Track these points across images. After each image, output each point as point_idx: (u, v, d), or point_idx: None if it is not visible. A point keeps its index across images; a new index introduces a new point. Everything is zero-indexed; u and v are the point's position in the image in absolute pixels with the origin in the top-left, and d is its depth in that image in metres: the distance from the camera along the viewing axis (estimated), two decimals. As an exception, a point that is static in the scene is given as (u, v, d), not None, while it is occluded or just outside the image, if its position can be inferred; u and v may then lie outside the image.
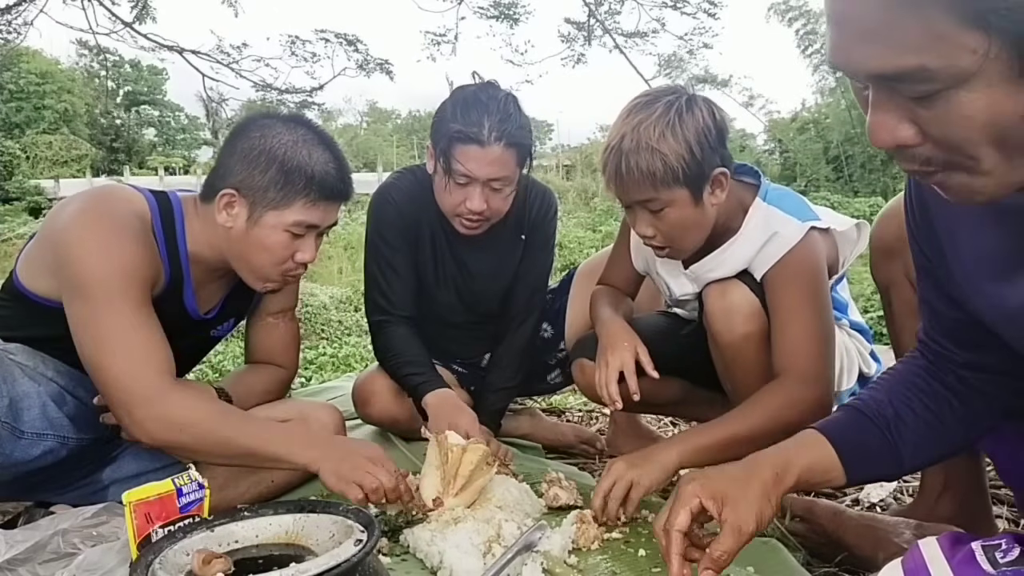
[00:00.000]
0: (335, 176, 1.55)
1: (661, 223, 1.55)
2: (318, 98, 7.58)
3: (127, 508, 1.15)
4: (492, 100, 1.83)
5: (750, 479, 1.03)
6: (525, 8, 7.33)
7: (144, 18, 6.32)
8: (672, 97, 1.51)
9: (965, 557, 0.81)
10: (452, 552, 1.29)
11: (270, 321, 1.85)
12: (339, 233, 12.99)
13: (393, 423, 2.08)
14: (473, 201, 1.85)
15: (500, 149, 1.81)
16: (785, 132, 22.66)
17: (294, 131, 1.54)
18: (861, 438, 1.07)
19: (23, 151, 17.88)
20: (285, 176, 1.50)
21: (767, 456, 1.07)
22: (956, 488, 1.42)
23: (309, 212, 1.53)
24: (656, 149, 1.47)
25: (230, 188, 1.51)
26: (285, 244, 1.54)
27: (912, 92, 0.69)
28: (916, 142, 0.72)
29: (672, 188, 1.50)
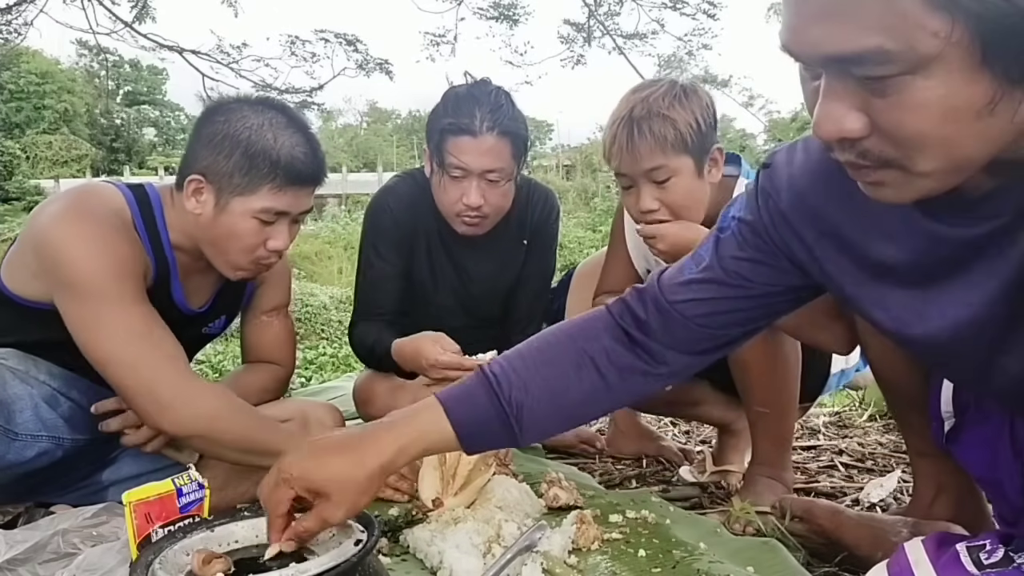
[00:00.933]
0: (303, 160, 1.51)
1: (666, 195, 1.60)
2: (318, 98, 7.57)
3: (127, 508, 1.15)
4: (483, 94, 1.84)
5: (356, 470, 1.03)
6: (524, 9, 7.33)
7: (144, 18, 6.31)
8: (674, 79, 1.65)
9: (950, 559, 0.81)
10: (452, 552, 1.29)
11: (264, 319, 1.83)
12: (339, 233, 13.01)
13: None
14: (470, 195, 1.84)
15: (493, 139, 1.81)
16: (785, 132, 22.65)
17: (261, 114, 1.50)
18: (485, 422, 1.08)
19: (23, 151, 17.89)
20: (249, 161, 1.47)
21: (384, 436, 1.06)
22: (949, 492, 1.42)
23: (277, 198, 1.49)
24: (667, 116, 1.56)
25: (196, 174, 1.49)
26: (255, 231, 1.51)
27: (867, 75, 0.67)
28: (862, 134, 0.70)
29: (680, 155, 1.58)
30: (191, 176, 1.49)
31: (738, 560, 1.32)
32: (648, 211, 1.62)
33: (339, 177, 26.17)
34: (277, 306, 1.85)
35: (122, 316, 1.39)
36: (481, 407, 1.08)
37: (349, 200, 22.20)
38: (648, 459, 2.11)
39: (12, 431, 1.39)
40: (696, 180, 1.61)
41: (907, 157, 0.70)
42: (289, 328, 1.90)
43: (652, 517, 1.50)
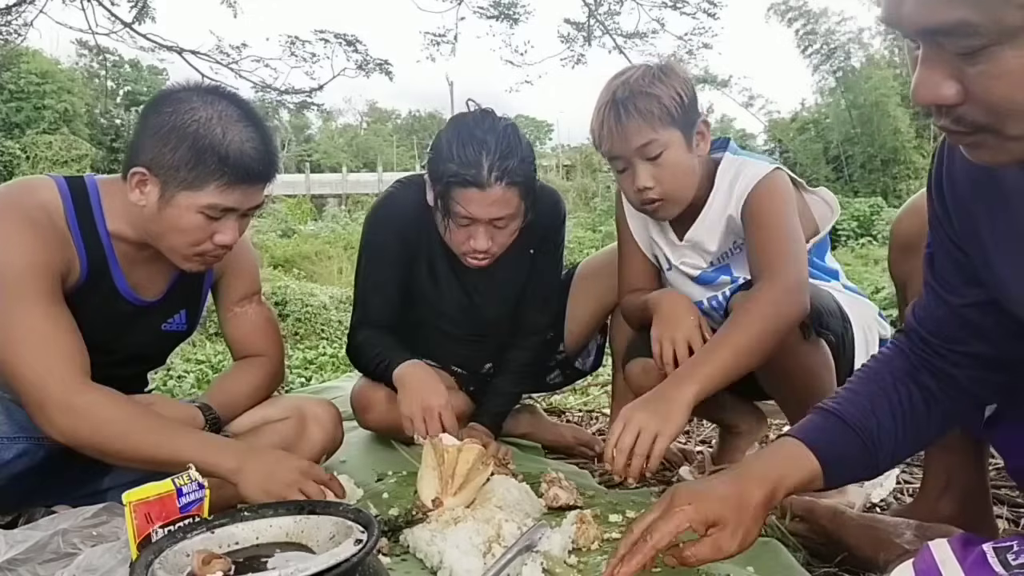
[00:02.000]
0: (253, 157, 1.44)
1: (660, 170, 1.63)
2: (318, 98, 7.58)
3: (127, 508, 1.15)
4: (490, 134, 1.74)
5: (742, 503, 1.04)
6: (525, 8, 7.33)
7: (143, 18, 6.31)
8: (649, 62, 1.70)
9: (977, 559, 0.81)
10: (452, 552, 1.29)
11: (237, 311, 1.79)
12: (339, 233, 13.00)
13: (392, 430, 2.06)
14: (478, 241, 1.79)
15: (501, 190, 1.72)
16: (785, 132, 22.64)
17: (211, 106, 1.43)
18: (845, 450, 1.09)
19: (23, 151, 17.86)
20: (196, 156, 1.40)
21: (757, 472, 1.08)
22: (958, 487, 1.42)
23: (224, 195, 1.43)
24: (650, 92, 1.60)
25: (141, 166, 1.44)
26: (200, 226, 1.46)
27: (957, 48, 0.70)
28: (957, 101, 0.73)
29: (668, 128, 1.61)
30: (135, 168, 1.44)
31: (738, 560, 1.32)
32: (645, 188, 1.64)
33: (339, 177, 26.17)
34: (246, 295, 1.79)
35: (23, 315, 1.36)
36: (836, 435, 1.09)
37: (349, 200, 22.22)
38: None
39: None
40: (686, 153, 1.65)
41: (999, 123, 0.73)
42: (266, 315, 1.85)
43: (652, 517, 1.49)
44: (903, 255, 1.43)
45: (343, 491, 1.44)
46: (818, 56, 21.43)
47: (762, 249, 1.61)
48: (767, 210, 1.64)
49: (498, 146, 1.72)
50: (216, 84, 1.60)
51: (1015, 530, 1.61)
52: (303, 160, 30.36)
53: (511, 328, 2.10)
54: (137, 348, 1.65)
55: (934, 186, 1.03)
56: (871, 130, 20.06)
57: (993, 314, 1.01)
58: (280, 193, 21.83)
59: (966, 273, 1.03)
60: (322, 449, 1.79)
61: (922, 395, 1.09)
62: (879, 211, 15.02)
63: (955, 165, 0.99)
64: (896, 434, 1.09)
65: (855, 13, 31.86)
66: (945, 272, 1.06)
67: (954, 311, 1.06)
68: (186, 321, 1.72)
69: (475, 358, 2.19)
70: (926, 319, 1.11)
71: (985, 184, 0.94)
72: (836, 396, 1.14)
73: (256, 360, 1.80)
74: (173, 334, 1.72)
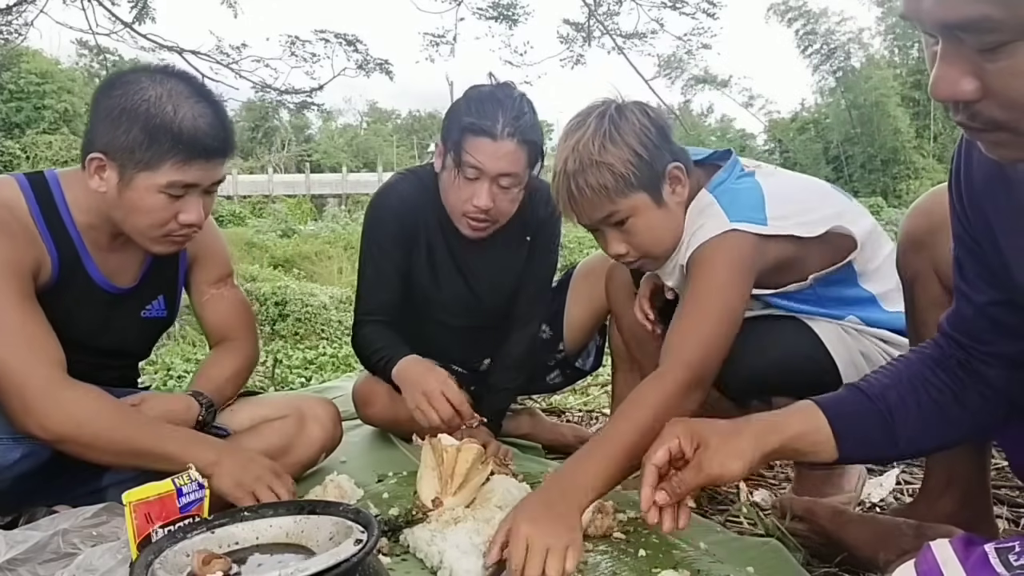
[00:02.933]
0: (207, 132, 1.43)
1: (630, 236, 1.52)
2: (318, 98, 7.58)
3: (127, 508, 1.15)
4: (507, 98, 1.83)
5: (733, 432, 1.06)
6: (524, 9, 7.32)
7: (144, 18, 6.31)
8: (602, 108, 1.50)
9: (979, 559, 0.81)
10: (452, 552, 1.29)
11: (213, 293, 1.78)
12: (339, 233, 13.00)
13: (393, 424, 2.08)
14: (480, 197, 1.83)
15: (512, 144, 1.80)
16: (785, 132, 22.66)
17: (161, 85, 1.42)
18: (859, 416, 1.08)
19: (23, 151, 17.87)
20: (149, 136, 1.39)
21: (758, 417, 1.10)
22: (959, 485, 1.42)
23: (182, 172, 1.42)
24: (601, 162, 1.45)
25: (97, 152, 1.43)
26: (163, 206, 1.44)
27: (978, 43, 0.70)
28: (975, 97, 0.73)
29: (629, 195, 1.47)
30: (92, 154, 1.43)
31: (738, 560, 1.32)
32: (618, 256, 1.57)
33: (339, 177, 26.18)
34: (220, 277, 1.79)
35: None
36: (852, 403, 1.08)
37: (349, 200, 22.22)
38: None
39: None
40: (657, 210, 1.50)
41: (1017, 119, 0.72)
42: (241, 298, 1.86)
43: (652, 517, 1.50)
44: (912, 252, 1.43)
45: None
46: (818, 56, 21.46)
47: (676, 322, 1.43)
48: (697, 279, 1.45)
49: (513, 107, 1.81)
50: (165, 64, 1.59)
51: (1015, 530, 1.61)
52: (303, 160, 30.38)
53: (504, 318, 2.13)
54: (120, 339, 1.64)
55: (953, 183, 1.04)
56: (871, 130, 20.08)
57: (1017, 312, 1.00)
58: (280, 193, 21.86)
59: (988, 271, 1.03)
60: (321, 447, 1.80)
61: (952, 386, 1.08)
62: (879, 211, 15.03)
63: (972, 162, 0.99)
64: (920, 417, 1.07)
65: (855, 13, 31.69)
66: (969, 271, 1.06)
67: (980, 311, 1.05)
68: (165, 307, 1.71)
69: (473, 353, 2.21)
70: (956, 322, 1.10)
71: (996, 178, 0.95)
72: (865, 376, 1.14)
73: (234, 344, 1.80)
74: (154, 322, 1.71)
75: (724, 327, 1.41)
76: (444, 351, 2.18)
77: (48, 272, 1.48)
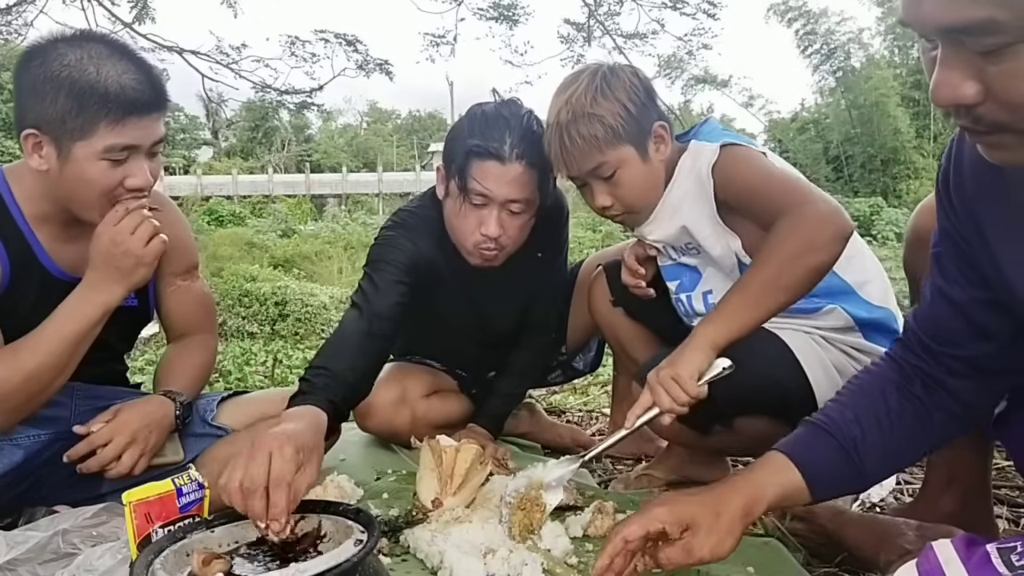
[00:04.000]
0: (136, 88, 1.38)
1: (617, 188, 1.58)
2: (318, 98, 7.59)
3: (127, 508, 1.15)
4: (514, 116, 1.71)
5: (719, 511, 1.04)
6: (524, 9, 7.33)
7: (143, 18, 6.33)
8: (595, 67, 1.58)
9: (981, 559, 0.80)
10: (452, 552, 1.29)
11: (180, 284, 1.74)
12: (339, 233, 13.01)
13: (393, 435, 2.04)
14: (489, 225, 1.70)
15: (521, 167, 1.67)
16: (785, 132, 22.67)
17: (79, 48, 1.37)
18: (827, 460, 1.08)
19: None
20: (77, 101, 1.35)
21: (738, 485, 1.08)
22: (960, 485, 1.42)
23: (119, 133, 1.38)
24: (592, 114, 1.52)
25: (29, 128, 1.38)
26: (106, 173, 1.40)
27: (980, 46, 0.69)
28: (978, 101, 0.72)
29: (617, 147, 1.54)
30: (25, 132, 1.38)
31: (738, 560, 1.32)
32: (604, 207, 1.61)
33: (339, 177, 26.17)
34: (188, 268, 1.75)
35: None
36: (820, 447, 1.09)
37: (349, 200, 22.23)
38: (648, 459, 2.11)
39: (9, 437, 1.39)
40: (642, 165, 1.57)
41: (1020, 121, 0.72)
42: (205, 292, 1.83)
43: (652, 517, 1.49)
44: (919, 249, 1.43)
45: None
46: (818, 56, 21.47)
47: (764, 198, 1.49)
48: (743, 178, 1.53)
49: (520, 127, 1.70)
50: (82, 29, 1.53)
51: (1015, 530, 1.61)
52: (303, 160, 30.39)
53: (515, 339, 2.06)
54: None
55: (942, 183, 1.04)
56: (871, 130, 20.08)
57: (998, 314, 1.01)
58: (280, 193, 21.87)
59: (973, 270, 1.03)
60: None
61: (911, 406, 1.09)
62: (879, 211, 15.04)
63: (963, 162, 0.99)
64: (884, 445, 1.08)
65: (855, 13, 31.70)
66: (951, 269, 1.06)
67: (958, 309, 1.05)
68: (136, 296, 1.64)
69: (480, 367, 2.17)
70: (926, 321, 1.10)
71: (989, 181, 0.95)
72: (824, 408, 1.14)
73: (198, 339, 1.78)
74: (124, 311, 1.62)
75: (802, 180, 1.51)
76: (450, 363, 2.17)
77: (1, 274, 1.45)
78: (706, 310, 1.67)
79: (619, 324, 1.91)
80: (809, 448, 1.09)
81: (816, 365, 1.56)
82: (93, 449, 1.49)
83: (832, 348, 1.59)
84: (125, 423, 1.52)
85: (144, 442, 1.53)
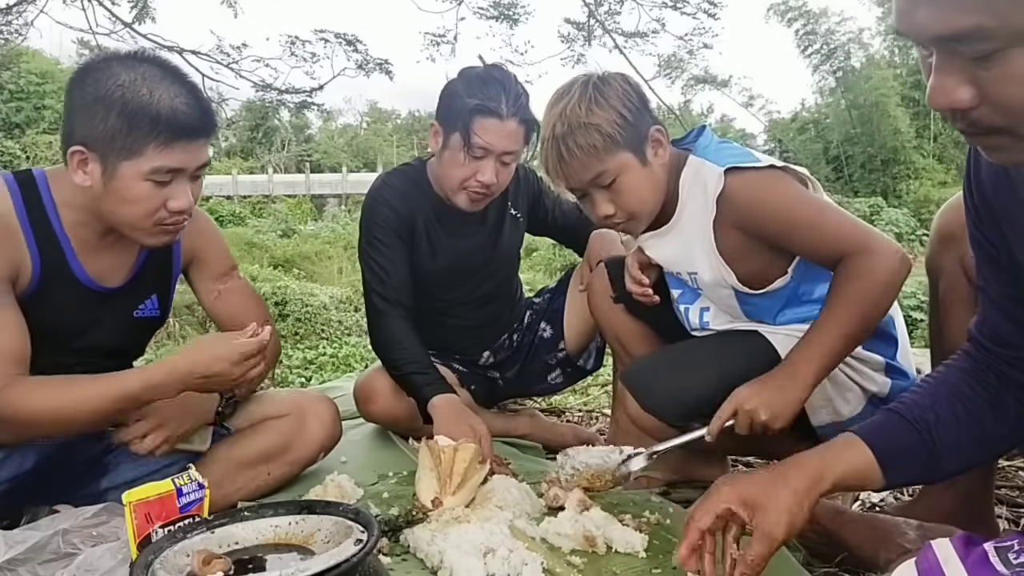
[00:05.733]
0: (187, 112, 1.40)
1: (618, 196, 1.57)
2: (318, 98, 7.56)
3: (127, 508, 1.15)
4: (505, 78, 1.94)
5: (784, 486, 1.03)
6: (525, 8, 7.31)
7: (144, 18, 6.30)
8: (584, 77, 1.58)
9: (979, 558, 0.81)
10: (452, 552, 1.29)
11: (221, 288, 1.76)
12: (339, 233, 12.99)
13: (394, 422, 2.09)
14: (485, 174, 1.91)
15: (515, 123, 1.90)
16: (785, 132, 22.65)
17: (133, 69, 1.39)
18: (899, 441, 1.07)
19: (23, 151, 17.87)
20: (128, 121, 1.36)
21: (804, 461, 1.07)
22: (960, 485, 1.41)
23: (166, 156, 1.39)
24: (588, 123, 1.51)
25: (77, 145, 1.40)
26: (150, 194, 1.41)
27: (972, 52, 0.72)
28: (972, 105, 0.75)
29: (616, 154, 1.53)
30: (72, 148, 1.40)
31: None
32: (607, 216, 1.59)
33: (339, 177, 26.14)
34: (225, 271, 1.76)
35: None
36: (893, 429, 1.07)
37: (349, 200, 22.20)
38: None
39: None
40: (642, 170, 1.56)
41: (1015, 124, 0.75)
42: (249, 289, 1.84)
43: (653, 517, 1.50)
44: (942, 247, 1.43)
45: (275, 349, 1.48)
46: (818, 56, 21.43)
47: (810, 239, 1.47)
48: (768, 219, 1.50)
49: (512, 88, 1.92)
50: (136, 48, 1.55)
51: (1015, 530, 1.61)
52: (303, 160, 30.36)
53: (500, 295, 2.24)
54: (112, 338, 1.62)
55: (965, 186, 1.04)
56: (871, 130, 20.05)
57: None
58: (280, 193, 21.84)
59: (1002, 270, 1.03)
60: (320, 446, 1.80)
61: (987, 394, 1.07)
62: (879, 211, 15.01)
63: (981, 164, 1.00)
64: (959, 432, 1.06)
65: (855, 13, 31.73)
66: (984, 270, 1.06)
67: (1004, 312, 1.05)
68: (158, 306, 1.69)
69: (473, 345, 2.24)
70: (984, 327, 1.10)
71: (1004, 183, 0.95)
72: (900, 397, 1.13)
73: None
74: (146, 321, 1.69)
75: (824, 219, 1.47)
76: (445, 346, 2.20)
77: (28, 276, 1.46)
78: (702, 327, 1.68)
79: (619, 321, 1.91)
80: (882, 429, 1.08)
81: None
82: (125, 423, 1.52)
83: None
84: (159, 406, 1.53)
85: (172, 429, 1.55)
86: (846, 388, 1.58)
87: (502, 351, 2.31)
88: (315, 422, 1.78)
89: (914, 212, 15.13)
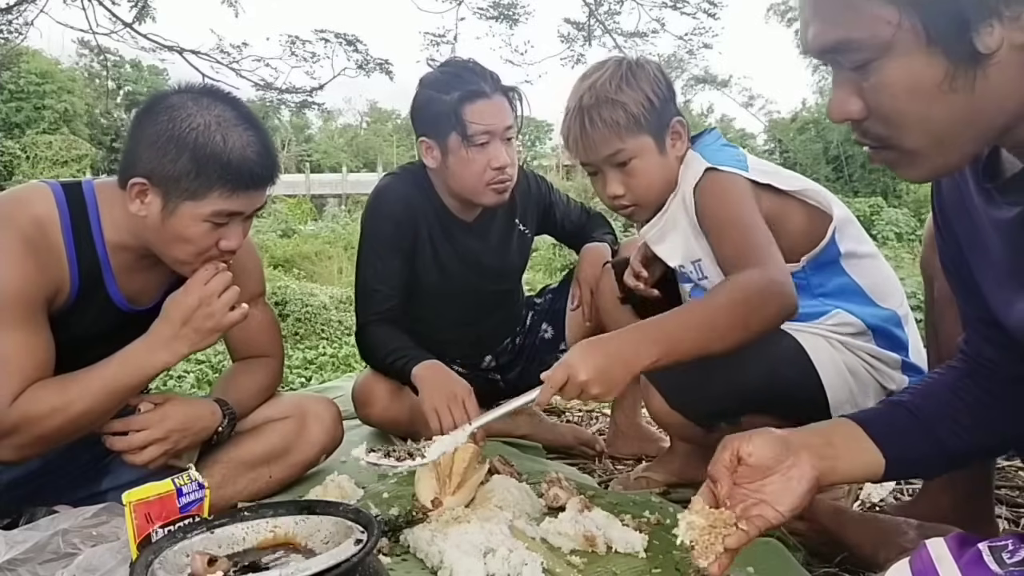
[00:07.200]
0: (255, 161, 1.42)
1: (630, 178, 1.58)
2: (318, 98, 7.57)
3: (127, 508, 1.15)
4: (467, 64, 1.93)
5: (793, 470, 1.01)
6: (525, 8, 7.32)
7: (144, 18, 6.31)
8: (620, 57, 1.63)
9: (972, 558, 0.81)
10: (452, 552, 1.29)
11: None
12: (339, 233, 12.99)
13: (393, 424, 2.08)
14: (499, 156, 1.88)
15: (501, 97, 1.90)
16: (785, 132, 22.66)
17: (208, 111, 1.41)
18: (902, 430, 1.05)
19: (23, 151, 17.88)
20: (198, 166, 1.38)
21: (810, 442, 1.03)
22: (960, 485, 1.41)
23: (229, 201, 1.42)
24: (616, 100, 1.53)
25: (140, 177, 1.40)
26: (206, 234, 1.43)
27: (849, 63, 0.78)
28: (862, 116, 0.79)
29: (637, 136, 1.55)
30: (135, 179, 1.41)
31: (738, 560, 1.32)
32: (615, 196, 1.61)
33: (339, 177, 26.16)
34: (253, 296, 1.74)
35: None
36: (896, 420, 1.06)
37: (349, 200, 22.21)
38: (648, 460, 2.11)
39: None
40: (658, 157, 1.58)
41: (895, 136, 0.78)
42: (271, 317, 1.84)
43: (653, 517, 1.50)
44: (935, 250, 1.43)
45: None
46: (818, 56, 21.45)
47: (722, 249, 1.50)
48: (713, 211, 1.53)
49: (478, 68, 1.92)
50: (210, 85, 1.55)
51: (1015, 531, 1.61)
52: (303, 160, 30.36)
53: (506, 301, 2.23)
54: None
55: (932, 206, 1.05)
56: (871, 130, 20.07)
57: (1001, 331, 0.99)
58: (280, 193, 21.82)
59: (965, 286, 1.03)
60: (322, 448, 1.80)
61: (988, 389, 1.07)
62: (879, 211, 15.00)
63: (942, 186, 1.01)
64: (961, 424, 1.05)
65: (855, 13, 31.37)
66: (962, 296, 1.07)
67: (983, 335, 1.05)
68: None
69: (474, 351, 2.24)
70: (968, 346, 1.10)
71: (959, 209, 0.97)
72: (899, 392, 1.15)
73: (261, 361, 1.79)
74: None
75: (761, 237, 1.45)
76: (447, 351, 2.19)
77: (65, 294, 1.46)
78: None
79: (626, 322, 1.89)
80: (883, 419, 1.07)
81: (829, 366, 1.54)
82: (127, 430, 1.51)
83: (848, 352, 1.57)
84: (166, 418, 1.53)
85: (173, 444, 1.54)
86: (867, 384, 1.59)
87: (504, 355, 2.31)
88: (316, 424, 1.78)
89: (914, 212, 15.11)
